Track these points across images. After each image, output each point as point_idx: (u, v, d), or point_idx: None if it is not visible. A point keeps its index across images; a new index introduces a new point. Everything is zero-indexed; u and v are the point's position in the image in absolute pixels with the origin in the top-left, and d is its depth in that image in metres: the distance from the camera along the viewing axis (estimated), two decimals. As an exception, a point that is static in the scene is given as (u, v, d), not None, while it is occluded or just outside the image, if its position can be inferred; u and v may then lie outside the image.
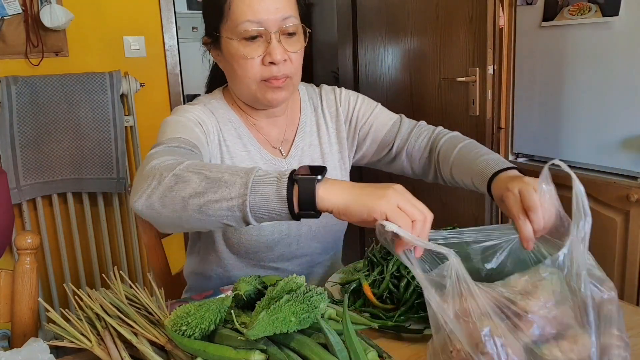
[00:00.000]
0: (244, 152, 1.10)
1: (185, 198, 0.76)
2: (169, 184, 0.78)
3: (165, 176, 0.79)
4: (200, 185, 0.76)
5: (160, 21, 2.45)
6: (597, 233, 1.88)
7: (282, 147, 1.15)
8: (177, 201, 0.77)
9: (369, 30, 2.68)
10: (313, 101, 1.21)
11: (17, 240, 1.00)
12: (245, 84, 1.03)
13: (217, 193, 0.75)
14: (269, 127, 1.14)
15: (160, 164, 0.83)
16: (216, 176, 0.76)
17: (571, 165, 2.08)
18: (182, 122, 1.01)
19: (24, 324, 0.99)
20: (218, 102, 1.11)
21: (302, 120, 1.17)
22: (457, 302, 0.63)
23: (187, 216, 0.78)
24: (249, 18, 0.97)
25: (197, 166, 0.80)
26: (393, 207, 0.70)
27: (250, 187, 0.73)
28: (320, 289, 0.70)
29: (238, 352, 0.67)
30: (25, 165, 2.16)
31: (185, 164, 0.80)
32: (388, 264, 0.95)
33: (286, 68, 1.01)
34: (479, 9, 2.00)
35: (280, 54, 0.99)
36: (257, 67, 1.00)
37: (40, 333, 1.50)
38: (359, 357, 0.65)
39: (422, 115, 2.38)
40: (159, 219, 0.81)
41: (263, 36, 0.99)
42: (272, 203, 0.73)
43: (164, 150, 0.89)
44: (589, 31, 1.82)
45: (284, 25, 0.99)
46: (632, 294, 1.78)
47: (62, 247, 2.31)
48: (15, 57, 2.20)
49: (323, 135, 1.19)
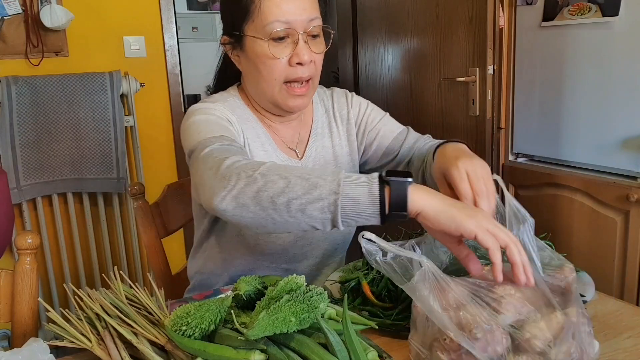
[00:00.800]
0: (262, 151, 1.09)
1: (274, 198, 0.76)
2: (255, 184, 0.77)
3: (249, 176, 0.78)
4: (289, 185, 0.76)
5: (160, 21, 2.45)
6: (597, 233, 1.91)
7: (297, 149, 1.15)
8: (264, 201, 0.77)
9: (369, 30, 2.68)
10: (324, 103, 1.22)
11: (17, 240, 1.00)
12: (269, 85, 1.03)
13: (307, 194, 0.75)
14: (284, 129, 1.14)
15: (236, 163, 0.82)
16: (304, 177, 0.76)
17: (571, 165, 2.10)
18: (214, 120, 1.00)
19: (24, 324, 0.99)
20: (235, 101, 1.11)
21: (315, 122, 1.18)
22: (441, 298, 0.66)
23: (273, 216, 0.77)
24: (278, 18, 0.97)
25: (280, 167, 0.80)
26: (483, 229, 0.70)
27: (342, 188, 0.74)
28: (320, 289, 0.70)
29: (238, 352, 0.67)
30: (25, 165, 2.16)
31: (267, 164, 0.80)
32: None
33: (310, 69, 1.03)
34: (479, 9, 2.00)
35: (307, 54, 1.00)
36: (284, 68, 1.01)
37: (40, 333, 1.50)
38: (359, 357, 0.65)
39: (422, 115, 2.39)
40: (242, 219, 0.80)
41: (290, 37, 1.00)
42: (364, 205, 0.73)
43: (221, 149, 0.89)
44: (589, 31, 1.82)
45: (310, 26, 1.00)
46: (632, 294, 1.79)
47: (62, 247, 2.31)
48: (15, 57, 2.20)
49: (335, 137, 1.20)
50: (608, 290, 1.56)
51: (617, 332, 0.81)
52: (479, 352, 0.61)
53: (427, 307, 0.65)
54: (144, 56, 2.44)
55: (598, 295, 0.92)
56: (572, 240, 1.95)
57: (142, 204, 1.28)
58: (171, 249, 1.41)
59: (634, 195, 1.72)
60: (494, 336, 0.62)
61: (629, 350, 0.77)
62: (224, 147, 0.90)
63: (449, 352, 0.63)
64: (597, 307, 0.89)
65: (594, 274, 0.94)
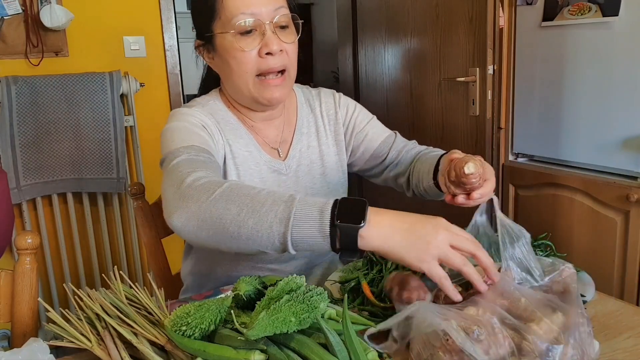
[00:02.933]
0: (246, 152, 1.10)
1: (226, 225, 0.77)
2: (208, 208, 0.78)
3: (204, 200, 0.79)
4: (240, 214, 0.76)
5: (160, 21, 2.45)
6: (597, 233, 1.90)
7: (280, 148, 1.15)
8: (217, 226, 0.78)
9: (369, 30, 2.68)
10: (310, 102, 1.21)
11: (17, 240, 1.00)
12: (243, 80, 1.03)
13: (258, 224, 0.75)
14: (267, 129, 1.14)
15: (197, 182, 0.82)
16: (257, 205, 0.76)
17: (571, 165, 2.10)
18: (187, 128, 1.00)
19: (24, 324, 0.99)
20: (216, 104, 1.11)
21: (299, 122, 1.17)
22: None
23: (225, 241, 0.79)
24: (243, 10, 0.98)
25: (235, 190, 0.79)
26: (446, 250, 0.71)
27: (292, 221, 0.73)
28: (320, 289, 0.70)
29: (238, 352, 0.67)
30: (25, 165, 2.16)
31: (225, 186, 0.80)
32: (387, 263, 0.95)
33: (282, 59, 1.02)
34: (479, 9, 2.00)
35: (276, 44, 1.00)
36: (254, 60, 1.01)
37: (40, 333, 1.50)
38: (359, 357, 0.65)
39: (422, 115, 2.40)
40: (197, 240, 0.81)
41: (257, 29, 1.00)
42: (314, 238, 0.73)
43: (187, 161, 0.89)
44: (589, 31, 1.82)
45: (277, 15, 1.00)
46: (632, 294, 1.79)
47: (62, 247, 2.31)
48: (15, 57, 2.20)
49: (322, 136, 1.19)
50: (608, 290, 1.56)
51: (617, 332, 0.81)
52: (481, 354, 0.61)
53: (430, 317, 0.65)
54: (144, 56, 2.44)
55: (598, 295, 0.92)
56: (572, 240, 1.95)
57: (142, 204, 1.28)
58: (171, 249, 1.41)
59: (634, 195, 1.72)
60: (496, 338, 0.62)
61: (629, 350, 0.77)
62: (191, 159, 0.90)
63: (451, 353, 0.63)
64: (597, 307, 0.89)
65: (594, 274, 0.94)
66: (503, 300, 0.68)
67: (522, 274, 0.74)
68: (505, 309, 0.67)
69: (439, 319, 0.64)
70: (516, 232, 0.77)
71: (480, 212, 0.82)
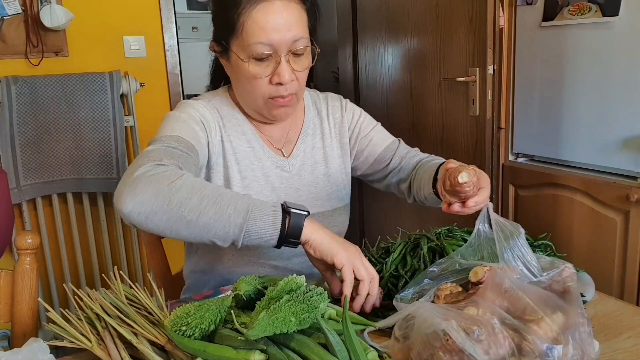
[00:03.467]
0: (248, 147, 1.12)
1: (184, 213, 0.81)
2: (168, 195, 0.81)
3: (164, 185, 0.82)
4: (202, 203, 0.82)
5: (160, 21, 2.45)
6: (597, 233, 1.90)
7: (284, 148, 1.16)
8: (174, 213, 0.81)
9: (369, 30, 2.67)
10: (317, 105, 1.23)
11: (17, 240, 1.00)
12: (254, 100, 1.06)
13: (218, 213, 0.82)
14: (271, 129, 1.16)
15: (154, 169, 0.84)
16: (217, 197, 0.83)
17: (571, 165, 2.10)
18: (183, 118, 1.03)
19: (24, 324, 0.99)
20: (222, 100, 1.13)
21: (305, 123, 1.20)
22: None
23: (178, 228, 0.83)
24: (261, 40, 0.98)
25: (196, 183, 0.84)
26: (350, 263, 0.84)
27: (249, 214, 0.82)
28: (320, 289, 0.70)
29: (238, 352, 0.67)
30: (25, 165, 2.16)
31: (184, 177, 0.84)
32: (387, 264, 0.95)
33: (293, 87, 1.03)
34: (479, 9, 1.99)
35: (288, 74, 1.01)
36: (265, 86, 1.03)
37: (40, 333, 1.50)
38: (359, 357, 0.65)
39: (422, 115, 2.39)
40: (146, 224, 0.83)
41: (272, 57, 1.00)
42: (265, 231, 0.83)
43: (159, 150, 0.91)
44: (589, 31, 1.82)
45: (295, 47, 1.00)
46: (632, 294, 1.79)
47: (62, 247, 2.31)
48: (15, 57, 2.20)
49: (327, 138, 1.21)
50: (608, 290, 1.56)
51: (617, 332, 0.81)
52: (481, 354, 0.61)
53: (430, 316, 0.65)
54: (144, 56, 2.44)
55: (598, 295, 0.92)
56: (572, 240, 1.95)
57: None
58: (171, 249, 1.41)
59: (634, 195, 1.72)
60: (496, 338, 0.62)
61: (629, 350, 0.77)
62: (166, 149, 0.92)
63: (451, 353, 0.63)
64: (597, 307, 0.89)
65: (594, 274, 0.94)
66: (503, 301, 0.68)
67: (520, 269, 0.74)
68: (505, 309, 0.67)
69: (439, 319, 0.64)
70: (510, 229, 0.77)
71: (481, 220, 0.83)
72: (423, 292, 0.79)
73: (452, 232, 1.01)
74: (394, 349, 0.69)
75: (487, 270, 0.73)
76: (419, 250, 0.95)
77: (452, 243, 0.93)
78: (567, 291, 0.70)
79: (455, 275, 0.80)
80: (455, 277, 0.79)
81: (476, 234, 0.83)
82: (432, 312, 0.65)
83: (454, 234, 1.00)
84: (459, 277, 0.79)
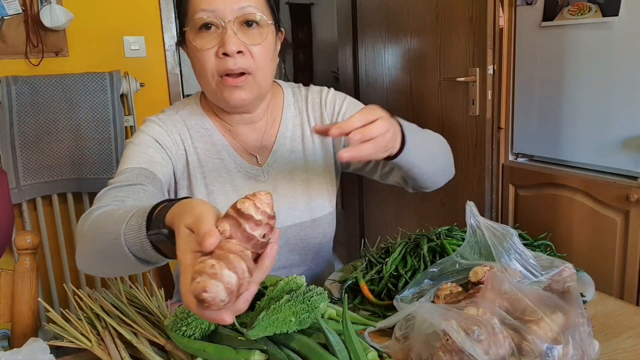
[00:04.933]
0: (217, 159, 1.06)
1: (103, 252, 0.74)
2: (86, 245, 0.78)
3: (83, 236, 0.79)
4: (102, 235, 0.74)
5: (160, 21, 2.45)
6: (597, 233, 1.90)
7: (259, 154, 1.09)
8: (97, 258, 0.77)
9: (369, 30, 2.68)
10: (298, 104, 1.14)
11: (17, 240, 1.00)
12: (205, 79, 0.98)
13: (112, 236, 0.71)
14: (246, 133, 1.08)
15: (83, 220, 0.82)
16: (110, 223, 0.73)
17: (571, 165, 2.10)
18: (136, 144, 0.99)
19: (24, 324, 0.99)
20: (192, 109, 1.08)
21: (283, 124, 1.11)
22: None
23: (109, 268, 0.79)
24: (203, 7, 0.93)
25: (97, 218, 0.79)
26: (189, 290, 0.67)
27: (127, 221, 0.69)
28: (320, 289, 0.71)
29: (238, 352, 0.67)
30: (25, 165, 2.16)
31: (92, 218, 0.79)
32: (387, 264, 0.95)
33: (244, 62, 0.95)
34: (479, 9, 2.00)
35: (234, 44, 0.93)
36: (212, 60, 0.95)
37: (40, 333, 1.50)
38: (359, 357, 0.65)
39: (422, 115, 2.39)
40: (96, 274, 0.83)
41: (219, 27, 0.94)
42: (139, 227, 0.68)
43: (109, 191, 0.88)
44: (589, 31, 1.82)
45: (242, 15, 0.94)
46: (632, 294, 1.79)
47: (62, 247, 2.31)
48: (15, 57, 2.20)
49: (307, 141, 1.12)
50: (608, 290, 1.56)
51: (617, 332, 0.81)
52: (481, 354, 0.61)
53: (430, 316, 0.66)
54: (144, 56, 2.44)
55: (598, 295, 0.92)
56: (572, 240, 1.95)
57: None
58: (171, 249, 1.41)
59: (634, 195, 1.72)
60: (496, 338, 0.62)
61: (629, 350, 0.77)
62: (116, 187, 0.88)
63: (451, 353, 0.63)
64: (597, 307, 0.89)
65: (594, 274, 0.94)
66: (503, 301, 0.68)
67: (519, 271, 0.74)
68: (505, 309, 0.67)
69: (439, 319, 0.64)
70: (501, 232, 0.77)
71: (468, 217, 0.83)
72: (423, 292, 0.79)
73: (452, 232, 1.00)
74: (394, 349, 0.69)
75: (487, 270, 0.73)
76: (419, 250, 0.95)
77: (452, 243, 0.93)
78: (567, 291, 0.70)
79: (455, 275, 0.80)
80: (455, 277, 0.79)
81: (470, 232, 0.83)
82: (432, 312, 0.65)
83: (454, 234, 1.00)
84: (459, 277, 0.79)
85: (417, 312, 0.67)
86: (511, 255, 0.75)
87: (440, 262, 0.83)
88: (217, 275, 0.47)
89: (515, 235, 0.77)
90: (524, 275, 0.74)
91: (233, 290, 0.48)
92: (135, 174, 0.93)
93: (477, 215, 0.80)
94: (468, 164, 2.15)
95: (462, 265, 0.80)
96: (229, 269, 0.48)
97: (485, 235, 0.78)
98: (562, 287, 0.70)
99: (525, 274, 0.74)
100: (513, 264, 0.74)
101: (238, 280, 0.49)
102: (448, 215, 2.28)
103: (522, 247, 0.76)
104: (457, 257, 0.81)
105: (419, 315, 0.66)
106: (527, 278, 0.74)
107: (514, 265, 0.74)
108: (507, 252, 0.75)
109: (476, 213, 0.80)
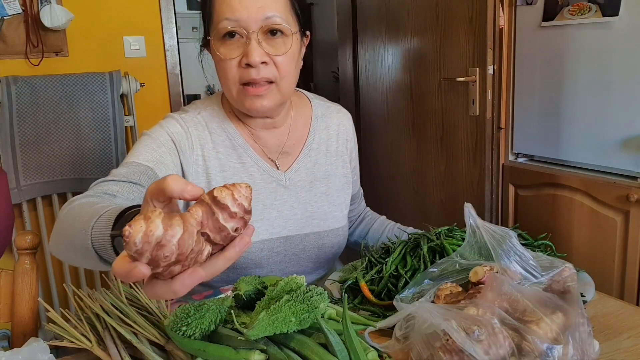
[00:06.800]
0: (238, 163, 1.06)
1: (74, 240, 0.72)
2: (62, 231, 0.78)
3: (58, 223, 0.80)
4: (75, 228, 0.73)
5: (160, 21, 2.46)
6: (597, 233, 1.90)
7: (278, 160, 1.09)
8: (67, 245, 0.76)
9: (369, 30, 2.68)
10: (326, 119, 1.17)
11: (17, 240, 1.00)
12: (228, 87, 0.98)
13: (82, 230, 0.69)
14: (267, 137, 1.08)
15: (67, 204, 0.84)
16: (84, 217, 0.72)
17: (571, 165, 2.10)
18: (147, 142, 0.98)
19: (24, 324, 0.99)
20: (214, 110, 1.07)
21: (310, 136, 1.13)
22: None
23: (76, 258, 0.76)
24: (227, 16, 0.93)
25: (77, 206, 0.80)
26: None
27: (96, 219, 0.68)
28: (320, 289, 0.70)
29: (238, 352, 0.67)
30: (25, 165, 2.16)
31: (71, 206, 0.81)
32: (387, 264, 0.95)
33: (267, 72, 0.95)
34: (479, 9, 2.00)
35: (258, 55, 0.92)
36: (235, 70, 0.95)
37: (40, 333, 1.50)
38: (359, 357, 0.65)
39: (422, 115, 2.40)
40: (66, 261, 0.83)
41: (243, 36, 0.94)
42: (106, 226, 0.67)
43: (100, 184, 0.90)
44: (589, 31, 1.82)
45: (267, 25, 0.93)
46: (632, 294, 1.78)
47: (62, 247, 2.31)
48: (15, 57, 2.20)
49: (331, 156, 1.15)
50: (608, 290, 1.56)
51: (617, 332, 0.81)
52: (481, 354, 0.61)
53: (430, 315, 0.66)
54: (144, 56, 2.44)
55: (598, 295, 0.92)
56: (572, 240, 1.95)
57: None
58: (171, 249, 1.41)
59: (634, 195, 1.72)
60: (496, 338, 0.62)
61: (629, 350, 0.77)
62: (120, 183, 0.88)
63: (451, 353, 0.63)
64: (597, 307, 0.89)
65: (594, 274, 0.94)
66: (503, 302, 0.68)
67: (519, 273, 0.74)
68: (505, 310, 0.67)
69: (439, 319, 0.64)
70: (500, 234, 0.77)
71: (467, 217, 0.83)
72: (423, 292, 0.79)
73: (452, 232, 1.00)
74: (394, 349, 0.69)
75: (487, 270, 0.73)
76: (419, 250, 0.95)
77: (452, 243, 0.93)
78: (567, 291, 0.70)
79: (455, 275, 0.80)
80: (455, 277, 0.79)
81: (469, 232, 0.83)
82: (432, 312, 0.65)
83: (454, 234, 1.00)
84: (459, 277, 0.79)
85: (417, 312, 0.67)
86: (511, 257, 0.75)
87: (440, 262, 0.83)
88: (149, 219, 0.44)
89: (514, 237, 0.76)
90: (524, 277, 0.74)
91: (150, 242, 0.44)
92: (139, 171, 0.92)
93: (476, 217, 0.80)
94: (468, 164, 2.16)
95: (462, 266, 0.80)
96: (164, 224, 0.44)
97: (484, 237, 0.78)
98: (562, 287, 0.70)
99: (525, 275, 0.74)
100: (513, 266, 0.74)
101: (163, 238, 0.44)
102: (448, 215, 2.28)
103: (521, 249, 0.75)
104: (457, 257, 0.81)
105: (419, 315, 0.66)
106: (528, 279, 0.74)
107: (514, 267, 0.74)
108: (506, 254, 0.75)
109: (474, 215, 0.80)
